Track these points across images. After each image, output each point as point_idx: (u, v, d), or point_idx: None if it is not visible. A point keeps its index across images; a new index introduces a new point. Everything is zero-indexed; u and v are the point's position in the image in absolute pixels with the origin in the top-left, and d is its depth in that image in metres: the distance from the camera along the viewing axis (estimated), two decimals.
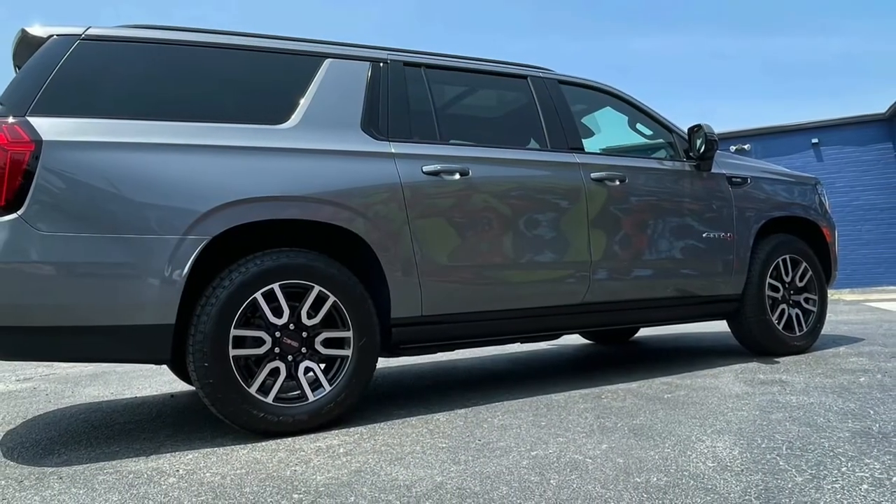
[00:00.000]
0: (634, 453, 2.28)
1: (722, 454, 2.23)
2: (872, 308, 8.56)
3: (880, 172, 15.23)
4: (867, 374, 3.52)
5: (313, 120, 3.03)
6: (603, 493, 1.91)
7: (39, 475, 2.35)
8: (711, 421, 2.68)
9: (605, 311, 3.72)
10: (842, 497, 1.80)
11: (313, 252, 2.89)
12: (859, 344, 4.72)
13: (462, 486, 2.02)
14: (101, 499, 2.06)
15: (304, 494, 2.02)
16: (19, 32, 2.79)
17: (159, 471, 2.34)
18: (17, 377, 5.44)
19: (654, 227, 3.82)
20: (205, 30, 3.06)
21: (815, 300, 4.45)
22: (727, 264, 4.07)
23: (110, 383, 4.77)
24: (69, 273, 2.46)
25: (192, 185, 2.64)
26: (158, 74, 2.88)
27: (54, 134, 2.51)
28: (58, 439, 2.93)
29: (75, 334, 2.50)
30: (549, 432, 2.62)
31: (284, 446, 2.59)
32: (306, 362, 2.83)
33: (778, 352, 4.24)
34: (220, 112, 2.91)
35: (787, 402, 2.94)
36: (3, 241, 2.41)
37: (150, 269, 2.54)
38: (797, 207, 4.48)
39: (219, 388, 2.62)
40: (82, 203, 2.50)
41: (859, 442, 2.30)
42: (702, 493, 1.87)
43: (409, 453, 2.41)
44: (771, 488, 1.89)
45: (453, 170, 3.20)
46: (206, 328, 2.61)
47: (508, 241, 3.31)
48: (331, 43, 3.31)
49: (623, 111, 4.21)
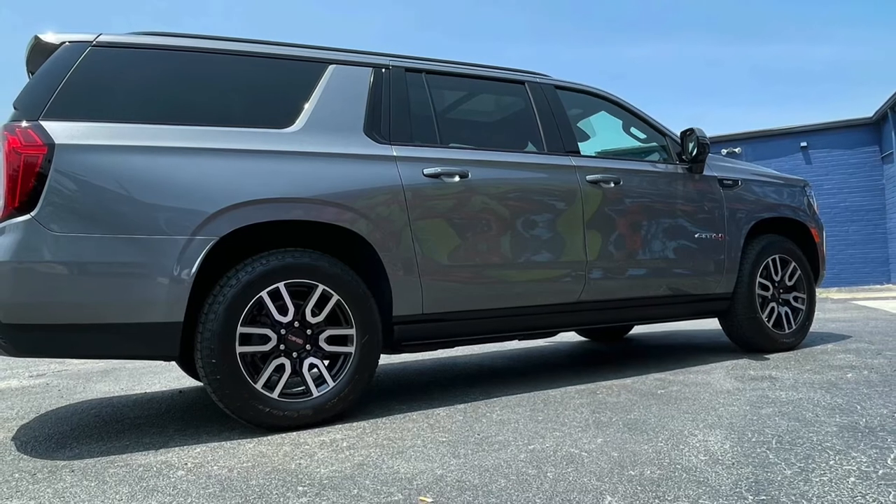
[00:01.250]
0: (629, 447, 2.28)
1: (713, 448, 2.23)
2: (859, 306, 8.56)
3: (866, 175, 15.24)
4: (854, 371, 3.51)
5: (317, 124, 3.03)
6: (598, 486, 1.91)
7: (52, 468, 2.35)
8: (703, 416, 2.68)
9: (600, 310, 3.72)
10: (830, 489, 1.80)
11: (317, 252, 2.89)
12: (846, 341, 4.72)
13: (462, 479, 2.02)
14: (111, 491, 2.05)
15: (308, 487, 2.01)
16: (32, 39, 2.79)
17: (168, 464, 2.33)
18: (30, 373, 5.44)
19: (647, 228, 3.82)
20: (212, 37, 3.05)
21: (803, 299, 4.45)
22: (719, 264, 4.07)
23: (120, 379, 4.77)
24: (81, 272, 2.46)
25: (200, 187, 2.64)
26: (167, 80, 2.88)
27: (66, 137, 2.51)
28: (70, 433, 2.93)
29: (88, 332, 2.49)
30: (545, 427, 2.62)
31: (289, 440, 2.59)
32: (311, 359, 2.82)
33: (768, 349, 4.24)
34: (228, 116, 2.91)
35: (777, 398, 2.94)
36: (17, 242, 2.42)
37: (160, 268, 2.54)
38: (786, 209, 4.48)
39: (226, 384, 2.62)
40: (93, 204, 2.50)
41: (846, 436, 2.30)
42: (694, 486, 1.87)
43: (411, 447, 2.41)
44: (761, 481, 1.89)
45: (453, 172, 3.20)
46: (213, 326, 2.61)
47: (507, 241, 3.31)
48: (334, 49, 3.31)
49: (618, 115, 4.20)
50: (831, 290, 13.98)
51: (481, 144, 3.67)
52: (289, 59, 3.14)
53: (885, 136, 14.77)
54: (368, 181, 2.99)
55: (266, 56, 3.09)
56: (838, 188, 15.33)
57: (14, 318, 2.42)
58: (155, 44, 2.88)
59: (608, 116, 4.22)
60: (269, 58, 3.09)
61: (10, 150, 2.46)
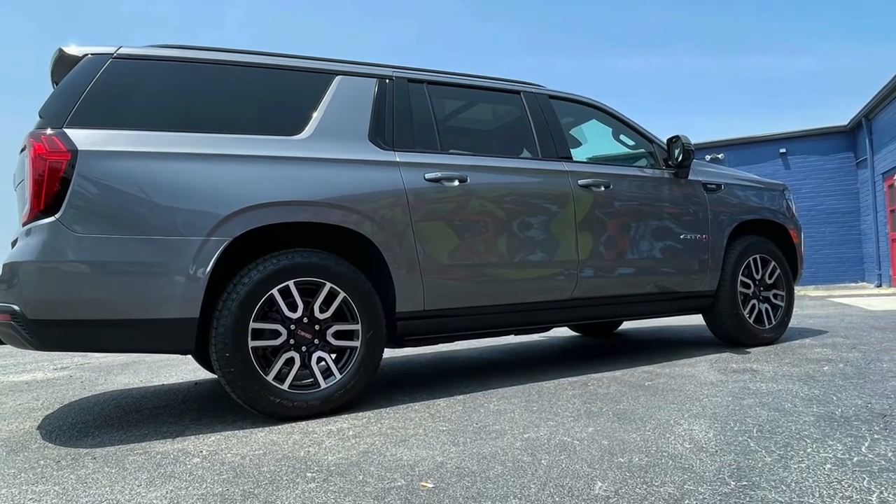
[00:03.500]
0: (618, 436, 2.28)
1: (698, 436, 2.23)
2: (835, 303, 8.55)
3: (842, 179, 15.24)
4: (830, 364, 3.51)
5: (325, 131, 3.03)
6: (589, 472, 1.91)
7: (75, 455, 2.35)
8: (688, 406, 2.68)
9: (591, 306, 3.72)
10: (807, 475, 1.80)
11: (325, 252, 2.88)
12: (823, 336, 4.72)
13: (461, 466, 2.02)
14: (131, 477, 2.05)
15: (316, 473, 2.01)
16: (57, 51, 2.79)
17: (184, 451, 2.33)
18: (54, 366, 5.43)
19: (635, 229, 3.82)
20: (226, 49, 3.05)
21: (782, 296, 4.44)
22: (703, 263, 4.07)
23: (140, 372, 4.77)
24: (103, 271, 2.46)
25: (215, 191, 2.64)
26: (183, 90, 2.88)
27: (89, 144, 2.51)
28: (92, 423, 2.93)
29: (109, 327, 2.49)
30: (540, 416, 2.62)
31: (299, 429, 2.58)
32: (319, 352, 2.82)
33: (749, 343, 4.24)
34: (240, 124, 2.90)
35: (758, 389, 2.94)
36: (42, 242, 2.42)
37: (177, 267, 2.54)
38: (766, 211, 4.48)
39: (239, 376, 2.62)
40: (114, 207, 2.50)
41: (823, 425, 2.30)
42: (679, 472, 1.87)
43: (413, 436, 2.41)
44: (743, 468, 1.89)
45: (453, 177, 3.20)
46: (227, 321, 2.60)
47: (503, 241, 3.31)
48: (341, 61, 3.31)
49: (608, 123, 4.20)
50: (809, 287, 13.98)
51: (479, 151, 3.67)
52: (298, 71, 3.13)
53: (859, 143, 14.78)
54: (373, 185, 2.99)
55: (277, 67, 3.09)
56: (815, 192, 15.34)
57: (40, 314, 2.42)
58: (172, 56, 2.88)
59: (599, 124, 4.22)
60: (279, 69, 3.09)
61: (35, 157, 2.46)
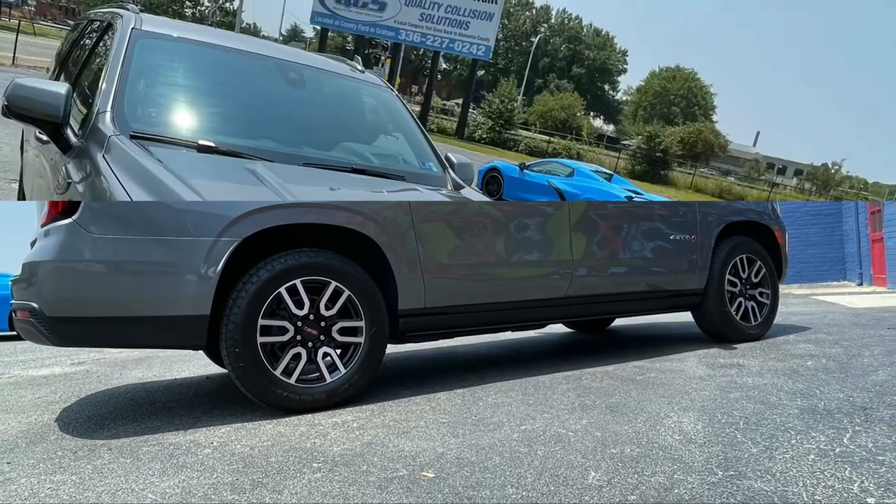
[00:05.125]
0: (610, 428, 2.28)
1: (687, 428, 2.23)
2: (819, 301, 8.56)
3: None
4: (814, 359, 3.51)
5: None
6: (583, 462, 1.91)
7: (91, 447, 2.35)
8: (678, 399, 2.68)
9: (585, 304, 3.72)
10: (792, 466, 1.80)
11: (330, 252, 2.88)
12: (807, 332, 4.72)
13: (460, 457, 2.02)
14: (145, 467, 2.06)
15: (322, 463, 2.02)
16: None
17: (196, 443, 2.34)
18: (71, 361, 5.43)
19: (627, 230, 3.82)
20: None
21: (768, 294, 4.44)
22: (691, 263, 4.07)
23: (153, 366, 4.77)
24: (118, 270, 2.47)
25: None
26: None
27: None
28: (107, 415, 2.93)
29: (124, 324, 2.50)
30: (536, 409, 2.62)
31: (305, 421, 2.59)
32: (324, 348, 2.82)
33: (736, 339, 4.23)
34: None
35: (744, 383, 2.94)
36: (60, 243, 2.42)
37: (189, 266, 2.53)
38: (752, 213, 4.49)
39: (248, 371, 2.62)
40: (128, 209, 2.50)
41: (807, 418, 2.30)
42: (669, 462, 1.88)
43: (414, 427, 2.41)
44: (730, 458, 1.89)
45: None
46: (237, 318, 2.60)
47: (501, 242, 3.31)
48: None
49: None
50: (793, 286, 13.98)
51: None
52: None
53: None
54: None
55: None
56: None
57: (58, 311, 2.42)
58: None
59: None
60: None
61: None
